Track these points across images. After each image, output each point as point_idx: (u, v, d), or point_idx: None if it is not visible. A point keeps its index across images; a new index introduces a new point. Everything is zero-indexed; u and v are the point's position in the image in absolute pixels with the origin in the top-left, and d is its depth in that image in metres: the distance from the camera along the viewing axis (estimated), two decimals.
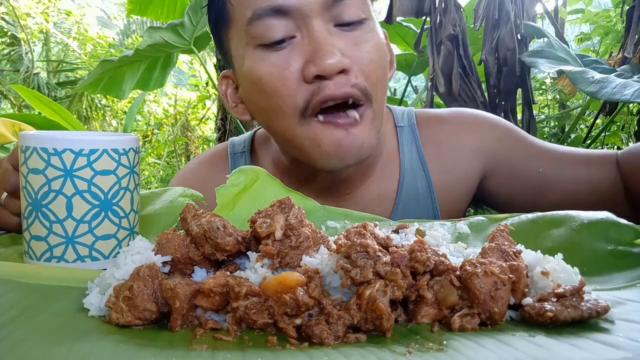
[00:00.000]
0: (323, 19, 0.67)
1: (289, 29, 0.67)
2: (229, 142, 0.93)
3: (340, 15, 0.67)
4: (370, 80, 0.68)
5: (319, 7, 0.66)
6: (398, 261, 0.37)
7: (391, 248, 0.38)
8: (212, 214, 0.44)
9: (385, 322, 0.34)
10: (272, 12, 0.66)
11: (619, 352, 0.30)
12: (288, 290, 0.35)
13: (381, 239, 0.40)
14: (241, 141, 0.92)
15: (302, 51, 0.66)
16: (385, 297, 0.35)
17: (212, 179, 0.83)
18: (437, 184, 0.83)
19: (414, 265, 0.37)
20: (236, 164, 0.89)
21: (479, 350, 0.31)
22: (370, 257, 0.36)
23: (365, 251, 0.36)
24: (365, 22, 0.69)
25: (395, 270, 0.36)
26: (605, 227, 0.51)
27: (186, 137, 5.78)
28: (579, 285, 0.37)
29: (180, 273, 0.42)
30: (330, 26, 0.67)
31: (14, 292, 0.42)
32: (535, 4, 2.01)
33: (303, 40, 0.67)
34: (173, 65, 2.20)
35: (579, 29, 3.83)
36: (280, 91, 0.67)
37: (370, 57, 0.68)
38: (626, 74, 1.62)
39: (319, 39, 0.65)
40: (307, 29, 0.66)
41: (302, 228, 0.42)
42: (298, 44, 0.67)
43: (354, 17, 0.68)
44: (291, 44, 0.67)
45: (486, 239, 0.45)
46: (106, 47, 6.64)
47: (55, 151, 0.50)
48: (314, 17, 0.66)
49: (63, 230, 0.51)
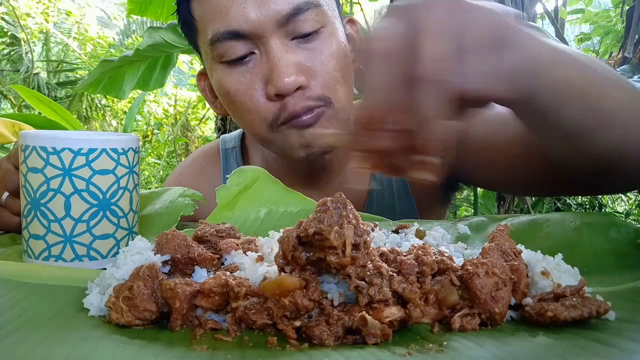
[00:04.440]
0: (279, 36, 0.70)
1: (248, 47, 0.71)
2: (221, 139, 0.99)
3: (295, 29, 0.70)
4: (328, 86, 0.72)
5: (274, 26, 0.69)
6: (408, 271, 0.37)
7: (398, 257, 0.38)
8: None
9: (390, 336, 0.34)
10: (229, 35, 0.70)
11: (618, 352, 0.30)
12: (286, 293, 0.35)
13: (388, 253, 0.39)
14: (232, 138, 0.98)
15: (262, 69, 0.71)
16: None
17: (205, 173, 0.95)
18: None
19: (422, 269, 0.37)
20: (227, 159, 0.95)
21: (479, 351, 0.31)
22: (384, 277, 0.36)
23: (379, 272, 0.36)
24: (322, 30, 0.73)
25: (414, 290, 0.35)
26: (605, 227, 0.51)
27: (186, 137, 5.78)
28: (579, 285, 0.37)
29: (180, 273, 0.42)
30: (287, 41, 0.71)
31: (14, 292, 0.42)
32: (535, 4, 2.01)
33: (262, 57, 0.71)
34: (173, 65, 2.20)
35: (579, 29, 3.84)
36: (248, 107, 0.73)
37: (326, 67, 0.72)
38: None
39: (274, 59, 0.69)
40: (264, 47, 0.70)
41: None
42: (258, 60, 0.72)
43: (310, 28, 0.71)
44: (252, 59, 0.72)
45: (486, 239, 0.45)
46: (106, 47, 6.64)
47: (54, 150, 0.50)
48: (269, 36, 0.70)
49: (61, 229, 0.51)
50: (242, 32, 0.70)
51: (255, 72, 0.71)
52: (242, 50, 0.71)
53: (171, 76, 4.02)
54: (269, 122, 0.73)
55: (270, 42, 0.69)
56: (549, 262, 0.40)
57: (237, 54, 0.71)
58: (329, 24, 0.74)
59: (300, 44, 0.71)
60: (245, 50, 0.71)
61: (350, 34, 0.82)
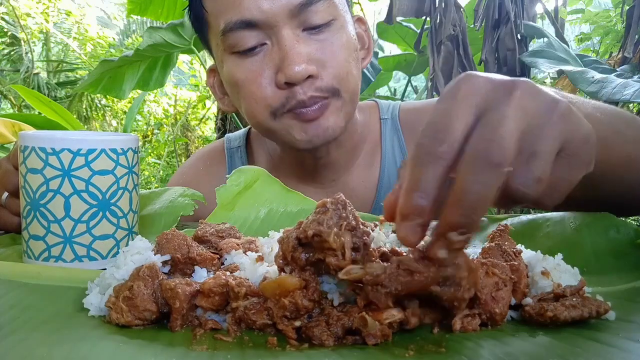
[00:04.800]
0: (291, 26, 0.71)
1: (259, 37, 0.72)
2: (225, 137, 0.99)
3: (307, 20, 0.71)
4: (338, 77, 0.73)
5: (286, 16, 0.70)
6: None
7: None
8: None
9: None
10: (242, 24, 0.71)
11: (618, 352, 0.30)
12: (287, 293, 0.35)
13: (388, 254, 0.39)
14: (237, 137, 0.98)
15: (272, 58, 0.72)
16: None
17: (210, 173, 0.94)
18: None
19: None
20: (232, 158, 0.95)
21: (480, 352, 0.31)
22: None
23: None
24: (333, 22, 0.74)
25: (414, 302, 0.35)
26: (605, 227, 0.51)
27: (186, 137, 5.77)
28: (579, 285, 0.37)
29: (180, 273, 0.42)
30: (299, 31, 0.72)
31: (14, 292, 0.42)
32: (535, 4, 2.01)
33: (273, 47, 0.72)
34: (173, 65, 2.20)
35: (579, 29, 3.84)
36: (256, 95, 0.73)
37: (337, 58, 0.73)
38: (626, 74, 1.62)
39: (285, 48, 0.70)
40: (276, 37, 0.71)
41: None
42: (270, 50, 0.72)
43: (321, 20, 0.72)
44: (263, 50, 0.73)
45: (486, 239, 0.45)
46: (106, 47, 6.64)
47: (53, 151, 0.50)
48: (281, 26, 0.70)
49: (61, 230, 0.51)
50: (254, 21, 0.70)
51: (266, 61, 0.72)
52: (253, 40, 0.72)
53: (171, 76, 4.03)
54: (272, 110, 0.73)
55: (282, 32, 0.70)
56: (549, 262, 0.40)
57: (249, 45, 0.72)
58: (339, 16, 0.75)
59: (312, 35, 0.72)
60: (257, 40, 0.72)
61: (359, 33, 0.83)
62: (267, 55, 0.72)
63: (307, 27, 0.72)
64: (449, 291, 0.33)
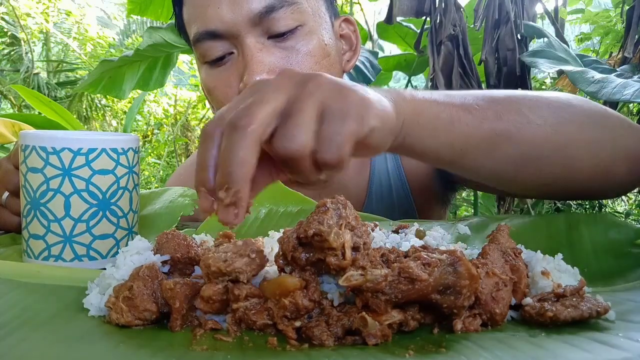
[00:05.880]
0: (254, 35, 0.71)
1: (225, 47, 0.73)
2: None
3: (270, 28, 0.71)
4: None
5: (248, 25, 0.70)
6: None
7: (398, 258, 0.38)
8: None
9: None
10: (207, 35, 0.72)
11: (618, 352, 0.30)
12: (287, 293, 0.34)
13: (388, 254, 0.39)
14: None
15: (238, 68, 0.72)
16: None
17: None
18: (406, 166, 0.90)
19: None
20: None
21: (480, 352, 0.31)
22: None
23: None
24: (300, 28, 0.73)
25: (414, 306, 0.35)
26: (605, 227, 0.51)
27: (186, 137, 5.77)
28: (579, 285, 0.37)
29: (180, 273, 0.42)
30: (264, 39, 0.71)
31: (14, 292, 0.42)
32: (535, 4, 2.01)
33: (239, 57, 0.72)
34: (173, 65, 2.20)
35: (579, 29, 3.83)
36: (223, 103, 0.74)
37: (302, 67, 0.72)
38: (626, 74, 1.62)
39: (247, 57, 0.70)
40: (241, 46, 0.71)
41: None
42: (236, 59, 0.73)
43: (285, 27, 0.71)
44: (231, 59, 0.73)
45: (486, 239, 0.45)
46: (106, 47, 6.63)
47: (53, 150, 0.50)
48: (244, 35, 0.70)
49: (61, 229, 0.51)
50: (218, 32, 0.71)
51: (232, 70, 0.73)
52: (220, 50, 0.72)
53: (171, 76, 4.02)
54: None
55: (246, 40, 0.70)
56: (549, 262, 0.40)
57: (216, 54, 0.73)
58: (308, 22, 0.73)
59: (277, 43, 0.72)
60: (224, 50, 0.73)
61: (347, 34, 0.83)
62: (233, 64, 0.73)
63: (272, 35, 0.71)
64: (449, 299, 0.33)
